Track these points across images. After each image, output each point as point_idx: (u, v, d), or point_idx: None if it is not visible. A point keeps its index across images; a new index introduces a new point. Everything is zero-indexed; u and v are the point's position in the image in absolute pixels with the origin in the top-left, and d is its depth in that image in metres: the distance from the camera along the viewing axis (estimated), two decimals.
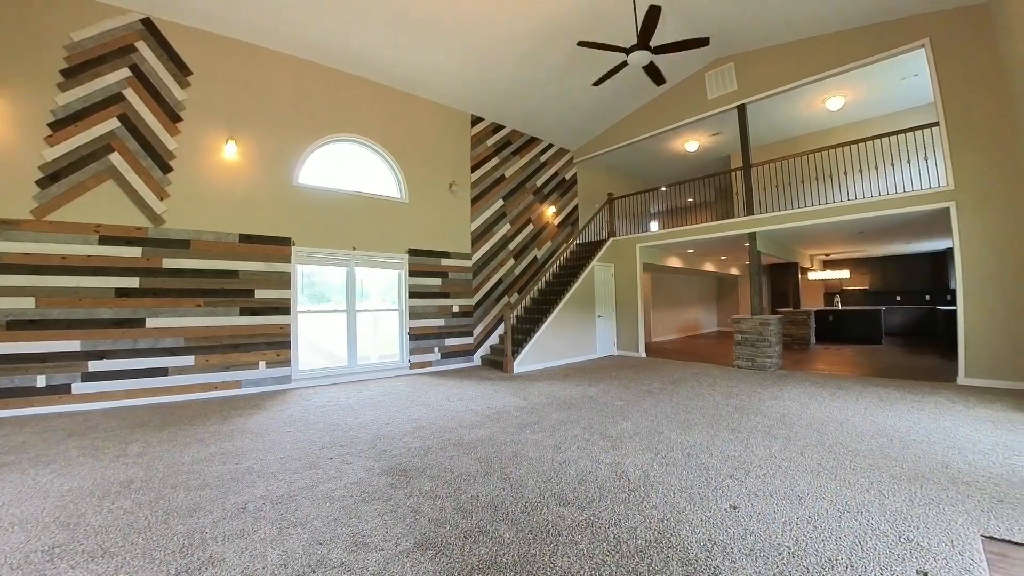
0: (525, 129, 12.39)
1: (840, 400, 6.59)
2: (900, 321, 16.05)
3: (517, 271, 11.98)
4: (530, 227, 12.49)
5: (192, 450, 4.79)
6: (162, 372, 7.31)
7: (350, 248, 9.43)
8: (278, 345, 8.42)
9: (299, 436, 5.30)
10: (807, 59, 9.19)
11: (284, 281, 8.56)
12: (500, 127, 11.96)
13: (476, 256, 11.27)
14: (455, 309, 10.83)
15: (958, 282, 7.46)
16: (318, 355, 9.29)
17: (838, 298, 16.94)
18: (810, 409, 6.15)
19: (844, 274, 15.70)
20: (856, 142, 8.75)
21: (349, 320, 9.58)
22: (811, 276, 16.07)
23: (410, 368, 10.05)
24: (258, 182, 8.35)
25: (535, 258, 12.52)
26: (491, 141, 11.76)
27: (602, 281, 12.20)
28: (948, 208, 7.61)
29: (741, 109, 10.13)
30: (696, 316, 18.79)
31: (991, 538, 2.86)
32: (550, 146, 13.19)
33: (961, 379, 7.39)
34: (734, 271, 17.94)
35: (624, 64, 7.40)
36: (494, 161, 11.79)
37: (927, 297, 16.17)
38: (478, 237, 11.33)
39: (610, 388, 7.93)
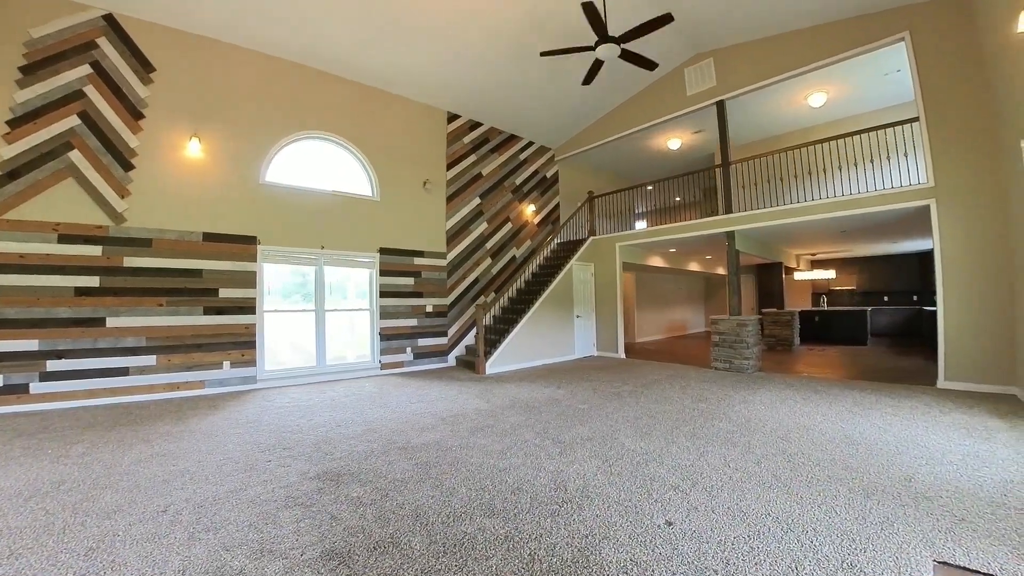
0: (503, 127, 12.06)
1: (812, 404, 6.26)
2: (887, 322, 15.71)
3: (494, 270, 11.65)
4: (508, 226, 12.15)
5: (135, 451, 4.63)
6: (123, 372, 7.06)
7: (318, 247, 9.12)
8: (243, 345, 8.15)
9: (246, 438, 5.10)
10: (787, 53, 8.89)
11: (249, 280, 8.29)
12: (477, 124, 11.63)
13: (451, 255, 10.94)
14: (429, 309, 10.49)
15: (938, 283, 7.18)
16: (287, 355, 9.02)
17: (824, 299, 16.56)
18: (779, 414, 5.82)
19: (830, 274, 15.36)
20: (835, 138, 8.44)
21: (318, 320, 9.28)
22: (797, 276, 15.75)
23: (381, 369, 9.74)
24: (223, 180, 8.09)
25: (514, 257, 12.19)
26: (468, 139, 11.43)
27: (581, 281, 11.87)
28: (928, 206, 7.28)
29: (720, 105, 9.81)
30: (683, 316, 18.45)
31: (944, 563, 2.53)
32: (530, 144, 12.85)
33: (941, 382, 7.08)
34: (720, 271, 17.58)
35: (600, 62, 7.12)
36: (471, 159, 11.46)
37: (914, 298, 15.85)
38: (453, 236, 11.00)
39: (578, 390, 7.62)
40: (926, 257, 15.16)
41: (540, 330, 10.78)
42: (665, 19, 6.21)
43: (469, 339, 11.01)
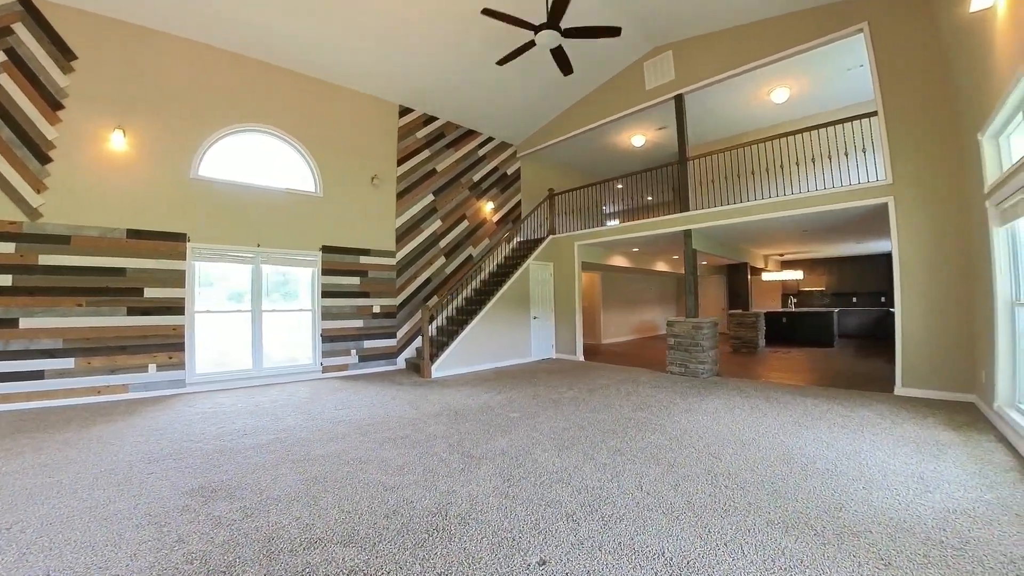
0: (461, 121, 11.48)
1: (759, 414, 5.75)
2: (856, 323, 15.29)
3: (448, 270, 11.05)
4: (465, 224, 11.56)
5: (20, 460, 4.30)
6: (37, 375, 6.58)
7: (255, 245, 8.46)
8: (171, 347, 7.62)
9: (142, 447, 4.73)
10: (746, 46, 8.40)
11: (178, 279, 7.75)
12: (432, 119, 11.04)
13: (401, 254, 10.35)
14: (376, 309, 9.89)
15: (896, 285, 6.69)
16: (221, 358, 8.45)
17: (792, 300, 16.09)
18: (720, 425, 5.30)
19: (798, 275, 14.91)
20: (793, 133, 7.96)
21: (254, 321, 8.71)
22: (764, 277, 15.26)
23: (323, 372, 9.15)
24: (151, 174, 7.55)
25: (470, 256, 11.58)
26: (421, 133, 10.84)
27: (540, 281, 11.30)
28: (887, 204, 6.81)
29: (679, 99, 9.29)
30: (653, 317, 17.93)
31: None
32: (490, 140, 12.27)
33: (898, 389, 6.61)
34: None
35: (531, 44, 6.60)
36: (424, 154, 10.87)
37: (883, 299, 15.42)
38: (404, 234, 10.41)
39: (518, 396, 7.10)
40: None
41: (493, 332, 10.23)
42: (613, 31, 6.03)
43: (421, 340, 10.30)
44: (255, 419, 5.86)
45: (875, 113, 6.94)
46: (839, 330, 14.87)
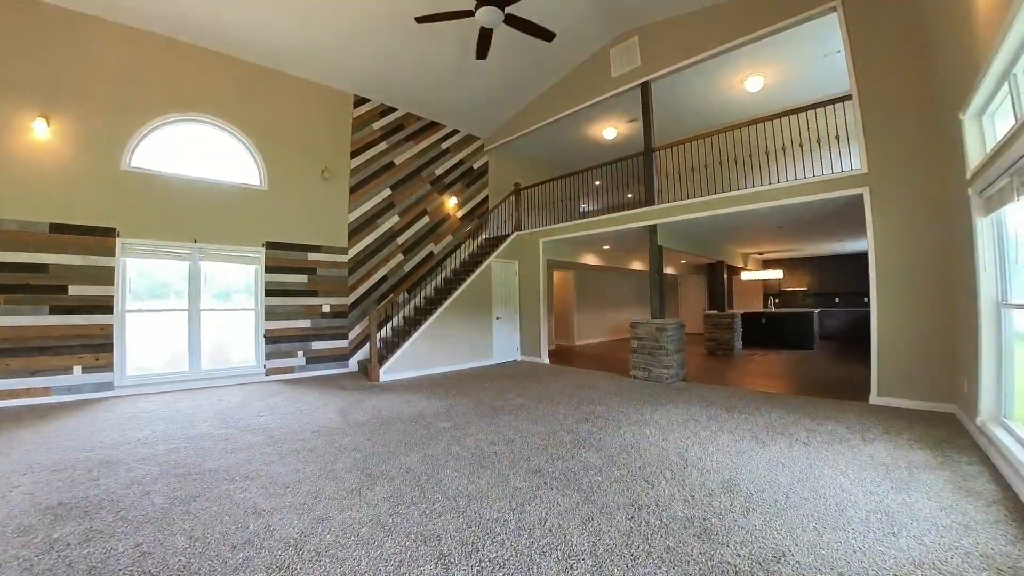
0: (422, 113, 10.78)
1: (715, 427, 5.08)
2: (837, 324, 14.65)
3: (407, 267, 10.30)
4: (425, 219, 10.85)
5: None
6: None
7: (191, 241, 7.76)
8: (97, 348, 7.04)
9: (29, 456, 4.28)
10: (714, 28, 7.75)
11: (106, 276, 7.15)
12: (391, 109, 10.34)
13: (354, 250, 9.63)
14: (326, 309, 9.17)
15: (871, 284, 6.06)
16: (155, 359, 7.86)
17: (772, 300, 15.44)
18: (668, 441, 4.63)
19: (777, 274, 14.22)
20: (762, 120, 7.33)
21: (191, 321, 8.07)
22: (743, 276, 14.59)
23: (266, 374, 8.48)
24: (77, 166, 6.96)
25: (431, 253, 10.83)
26: (378, 125, 10.13)
27: (504, 279, 10.61)
28: (862, 195, 6.12)
29: (645, 87, 8.61)
30: (631, 317, 17.13)
31: None
32: (454, 132, 11.56)
33: (873, 398, 5.95)
34: (670, 270, 16.36)
35: (469, 13, 5.95)
36: (381, 146, 10.17)
37: (865, 299, 14.66)
38: (358, 230, 9.70)
39: (460, 404, 6.42)
40: None
41: (451, 333, 9.54)
42: (547, 35, 6.05)
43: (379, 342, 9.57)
44: (166, 426, 5.36)
45: (849, 97, 6.24)
46: (820, 331, 14.23)
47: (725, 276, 12.08)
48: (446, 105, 10.66)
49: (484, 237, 11.61)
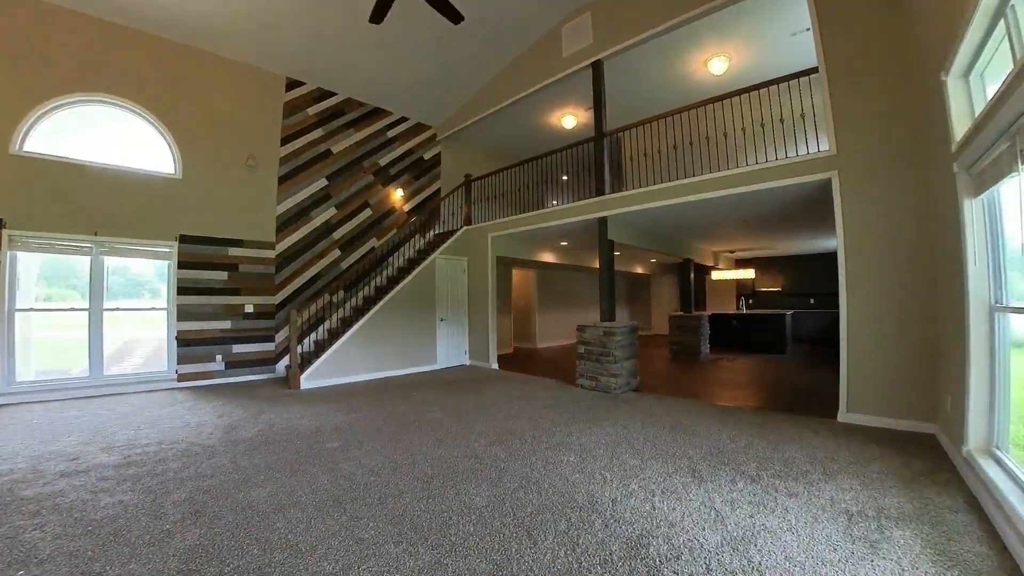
0: (366, 98, 9.79)
1: (648, 453, 4.19)
2: (812, 326, 13.81)
3: (346, 264, 9.26)
4: (367, 213, 9.86)
5: None
6: None
7: (92, 233, 6.79)
8: None
9: None
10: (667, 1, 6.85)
11: None
12: (329, 94, 9.35)
13: (283, 245, 8.65)
14: (248, 309, 8.19)
15: (841, 284, 5.21)
16: (53, 363, 7.13)
17: (744, 301, 14.55)
18: (583, 473, 3.72)
19: (749, 274, 13.35)
20: (723, 98, 6.47)
21: (92, 321, 7.16)
22: (714, 276, 13.71)
23: (178, 380, 7.54)
24: None
25: (373, 249, 9.82)
26: (314, 110, 9.15)
27: (451, 278, 9.66)
28: (830, 179, 5.25)
29: (597, 66, 7.72)
30: (598, 318, 16.25)
31: None
32: (402, 120, 10.58)
33: (842, 415, 5.10)
34: (640, 269, 15.47)
35: None
36: (317, 133, 9.18)
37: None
38: (288, 223, 8.71)
39: (370, 418, 5.54)
40: None
41: (388, 336, 8.61)
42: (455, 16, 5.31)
43: (309, 344, 8.55)
44: (21, 440, 4.65)
45: (816, 70, 5.35)
46: (794, 334, 13.38)
47: (692, 275, 11.13)
48: (392, 90, 9.71)
49: (434, 232, 10.63)
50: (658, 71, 8.32)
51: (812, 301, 14.40)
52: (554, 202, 12.98)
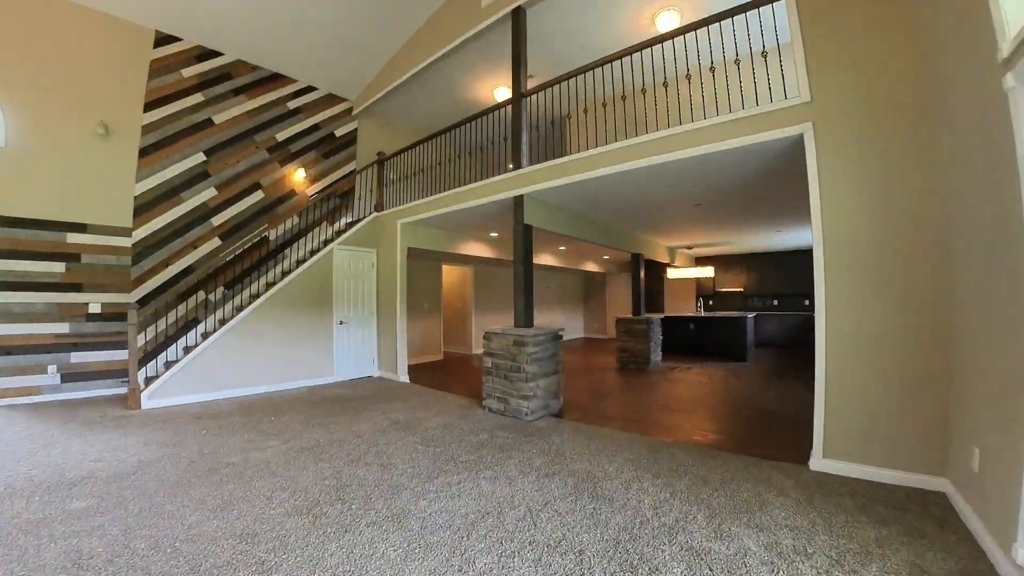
0: (263, 62, 8.16)
1: (520, 537, 2.80)
2: (776, 329, 12.50)
3: (228, 255, 7.56)
4: (259, 195, 8.18)
5: None
6: None
7: None
8: None
9: None
10: None
11: None
12: (213, 53, 7.72)
13: (144, 231, 7.03)
14: (95, 309, 6.54)
15: (817, 282, 3.79)
16: None
17: (703, 302, 13.13)
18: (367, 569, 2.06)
19: (708, 272, 11.92)
20: (666, 38, 4.93)
21: None
22: (670, 274, 12.27)
23: None
24: None
25: (265, 239, 8.14)
26: (191, 71, 7.51)
27: (356, 273, 8.14)
28: (802, 135, 3.87)
29: (517, 14, 6.19)
30: (552, 320, 14.81)
31: None
32: (310, 89, 8.93)
33: (816, 461, 3.71)
34: (592, 267, 13.98)
35: None
36: (194, 99, 7.54)
37: (806, 302, 12.62)
38: (151, 204, 7.08)
39: (173, 459, 4.01)
40: None
41: (270, 343, 7.11)
42: None
43: (175, 352, 6.87)
44: None
45: None
46: (757, 337, 12.03)
47: (643, 273, 9.65)
48: (296, 54, 8.17)
49: (346, 221, 9.00)
50: (594, 27, 6.84)
51: (775, 302, 13.08)
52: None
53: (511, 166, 5.91)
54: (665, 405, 6.03)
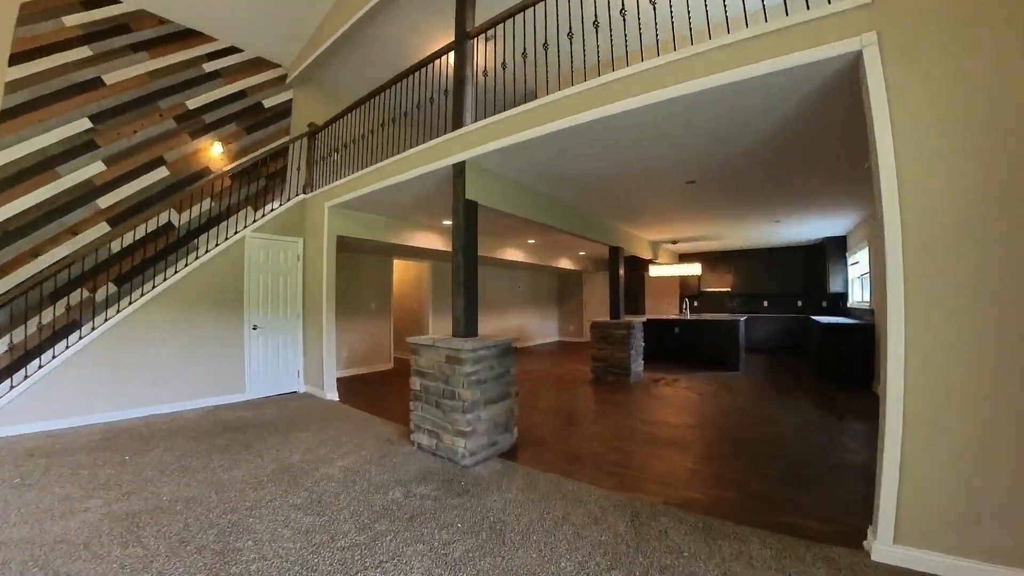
0: (172, 14, 6.74)
1: None
2: (766, 333, 11.29)
3: (118, 245, 6.05)
4: (162, 173, 6.66)
5: None
6: None
7: None
8: None
9: None
10: None
11: None
12: (107, 0, 6.13)
13: (5, 212, 5.39)
14: None
15: (891, 274, 2.44)
16: None
17: (689, 303, 11.78)
18: None
19: (694, 269, 10.59)
20: None
21: None
22: (652, 272, 10.94)
23: None
24: None
25: (170, 225, 6.63)
26: (76, 19, 6.06)
27: (278, 268, 6.77)
28: (858, 55, 2.57)
29: None
30: (523, 323, 13.41)
31: None
32: (232, 51, 7.48)
33: (883, 547, 2.41)
34: (567, 264, 12.60)
35: None
36: (80, 52, 6.09)
37: (798, 303, 11.40)
38: (15, 179, 5.65)
39: None
40: (815, 250, 10.66)
41: (160, 353, 5.69)
42: None
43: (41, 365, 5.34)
44: None
45: None
46: (746, 342, 10.73)
47: (622, 270, 8.29)
48: (217, 8, 6.80)
49: (276, 205, 7.49)
50: None
51: (765, 303, 11.85)
52: None
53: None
54: (649, 436, 4.68)
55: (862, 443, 4.24)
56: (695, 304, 12.82)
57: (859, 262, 8.35)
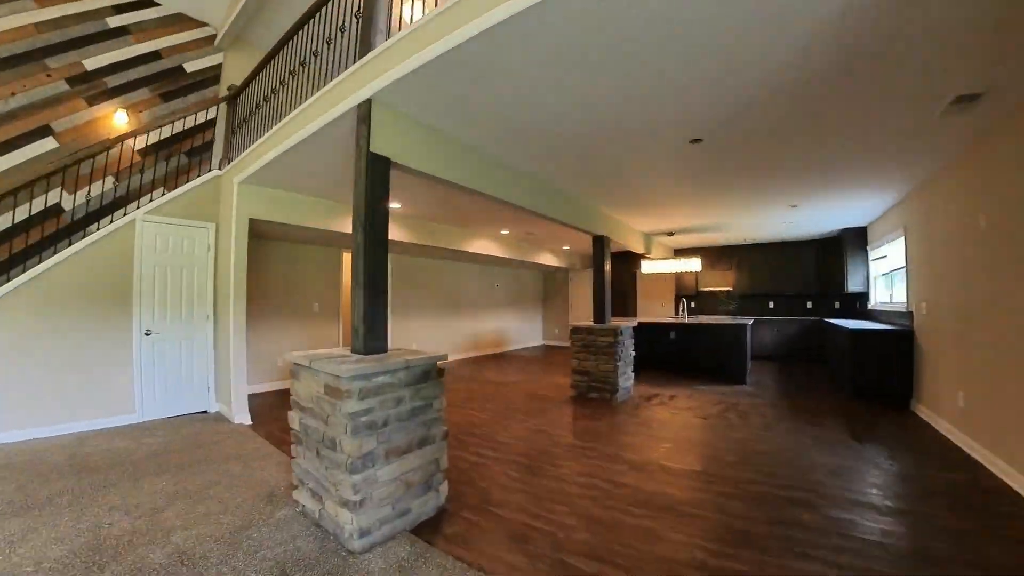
0: None
1: None
2: (773, 339, 10.04)
3: None
4: (49, 145, 5.40)
5: None
6: None
7: None
8: None
9: None
10: None
11: None
12: None
13: None
14: None
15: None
16: None
17: (685, 304, 10.44)
18: None
19: (693, 265, 9.26)
20: None
21: None
22: (644, 268, 9.63)
23: None
24: None
25: (59, 208, 5.33)
26: None
27: (182, 259, 5.45)
28: None
29: None
30: (503, 326, 12.12)
31: None
32: (147, 3, 6.14)
33: None
34: (551, 261, 11.29)
35: None
36: None
37: (808, 304, 10.08)
38: None
39: None
40: (830, 244, 9.35)
41: (20, 364, 4.44)
42: None
43: None
44: None
45: None
46: (753, 349, 9.42)
47: (609, 264, 6.99)
48: None
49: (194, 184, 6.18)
50: None
51: (771, 304, 10.55)
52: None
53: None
54: (638, 493, 3.36)
55: (935, 500, 2.95)
56: (692, 305, 11.51)
57: (886, 256, 7.04)
